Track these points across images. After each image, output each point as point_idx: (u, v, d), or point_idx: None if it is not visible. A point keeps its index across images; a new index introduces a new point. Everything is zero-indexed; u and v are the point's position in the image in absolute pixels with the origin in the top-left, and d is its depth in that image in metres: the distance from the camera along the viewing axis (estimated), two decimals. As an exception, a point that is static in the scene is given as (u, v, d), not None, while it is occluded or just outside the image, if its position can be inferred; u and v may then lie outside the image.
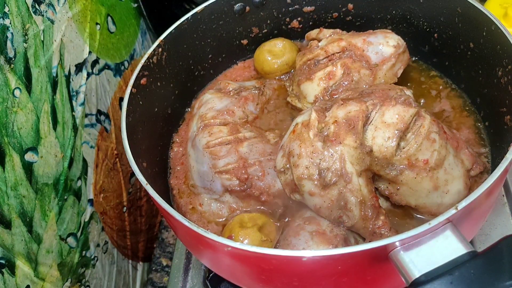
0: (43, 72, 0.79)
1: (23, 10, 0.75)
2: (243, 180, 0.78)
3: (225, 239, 0.59)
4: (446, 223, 0.55)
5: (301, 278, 0.62)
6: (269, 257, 0.57)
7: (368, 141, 0.67)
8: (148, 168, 0.79)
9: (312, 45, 0.89)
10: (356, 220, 0.67)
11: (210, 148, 0.80)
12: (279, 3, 1.00)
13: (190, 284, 0.93)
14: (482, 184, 0.58)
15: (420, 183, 0.67)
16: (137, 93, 0.81)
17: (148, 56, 0.85)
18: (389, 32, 0.87)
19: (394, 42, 0.85)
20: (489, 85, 0.80)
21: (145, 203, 1.19)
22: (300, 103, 0.87)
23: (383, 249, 0.55)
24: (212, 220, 0.81)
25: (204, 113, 0.85)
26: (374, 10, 0.98)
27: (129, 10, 1.15)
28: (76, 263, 0.89)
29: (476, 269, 0.51)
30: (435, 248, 0.54)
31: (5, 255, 0.71)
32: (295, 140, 0.70)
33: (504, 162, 0.60)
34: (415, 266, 0.54)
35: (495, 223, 0.89)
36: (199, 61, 0.99)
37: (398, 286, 0.63)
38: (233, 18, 0.98)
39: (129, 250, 1.12)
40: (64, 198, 0.85)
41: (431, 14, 0.90)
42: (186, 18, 0.91)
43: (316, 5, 1.01)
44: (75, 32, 0.90)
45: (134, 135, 0.77)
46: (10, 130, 0.72)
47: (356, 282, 0.63)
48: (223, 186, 0.79)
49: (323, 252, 0.56)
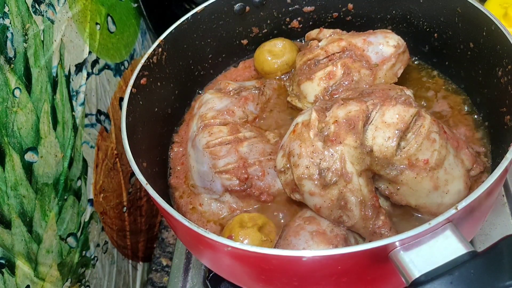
0: (43, 72, 0.79)
1: (23, 10, 0.75)
2: (243, 180, 0.78)
3: (225, 239, 0.59)
4: (446, 223, 0.55)
5: (301, 278, 0.61)
6: (269, 257, 0.57)
7: (369, 141, 0.67)
8: (148, 168, 0.79)
9: (312, 45, 0.89)
10: (356, 220, 0.67)
11: (210, 148, 0.80)
12: (279, 3, 1.00)
13: (190, 284, 0.93)
14: (482, 184, 0.58)
15: (420, 183, 0.67)
16: (137, 93, 0.81)
17: (148, 56, 0.85)
18: (389, 32, 0.87)
19: (394, 42, 0.85)
20: (489, 85, 0.80)
21: (145, 203, 1.19)
22: (300, 103, 0.87)
23: (383, 249, 0.55)
24: (212, 220, 0.81)
25: (204, 113, 0.85)
26: (374, 10, 0.98)
27: (129, 10, 1.15)
28: (76, 263, 0.89)
29: (476, 269, 0.51)
30: (435, 248, 0.54)
31: (5, 255, 0.71)
32: (295, 140, 0.70)
33: (504, 162, 0.60)
34: (415, 266, 0.53)
35: (495, 223, 0.89)
36: (199, 61, 0.99)
37: (398, 286, 0.63)
38: (233, 18, 0.98)
39: (129, 250, 1.12)
40: (64, 198, 0.85)
41: (431, 14, 0.90)
42: (186, 18, 0.91)
43: (316, 5, 1.01)
44: (75, 32, 0.90)
45: (134, 135, 0.77)
46: (10, 130, 0.72)
47: (356, 282, 0.63)
48: (223, 186, 0.79)
49: (323, 252, 0.56)
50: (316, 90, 0.84)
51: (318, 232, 0.69)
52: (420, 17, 0.92)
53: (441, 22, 0.89)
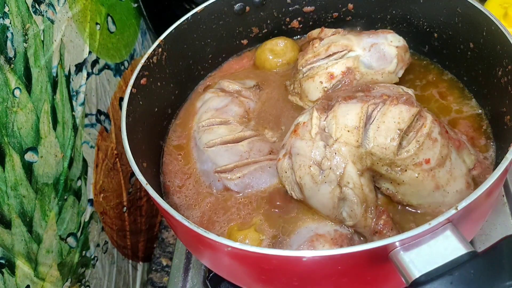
0: (43, 72, 0.79)
1: (23, 10, 0.75)
2: (242, 178, 0.78)
3: (225, 239, 0.59)
4: (446, 223, 0.55)
5: (301, 278, 0.61)
6: (270, 257, 0.57)
7: (370, 140, 0.67)
8: (148, 168, 0.79)
9: (313, 44, 0.89)
10: (357, 219, 0.67)
11: (210, 147, 0.80)
12: (279, 3, 1.00)
13: (190, 284, 0.93)
14: (482, 184, 0.58)
15: (422, 183, 0.67)
16: (137, 93, 0.81)
17: (148, 56, 0.85)
18: (391, 32, 0.87)
19: (397, 43, 0.85)
20: (489, 85, 0.80)
21: (145, 203, 1.19)
22: (301, 101, 0.87)
23: (383, 249, 0.55)
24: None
25: (205, 112, 0.85)
26: (374, 10, 0.98)
27: (129, 10, 1.15)
28: (76, 263, 0.89)
29: (476, 269, 0.51)
30: (435, 248, 0.54)
31: (5, 255, 0.71)
32: (296, 139, 0.70)
33: (504, 162, 0.60)
34: (415, 266, 0.53)
35: (495, 223, 0.89)
36: (199, 61, 0.99)
37: (398, 286, 0.63)
38: (233, 18, 0.98)
39: (129, 250, 1.12)
40: (64, 198, 0.85)
41: (431, 14, 0.90)
42: (186, 18, 0.91)
43: (316, 5, 1.01)
44: (75, 32, 0.90)
45: (134, 135, 0.77)
46: (10, 130, 0.72)
47: (356, 282, 0.63)
48: (223, 185, 0.79)
49: (324, 252, 0.56)
50: (317, 89, 0.84)
51: (318, 232, 0.69)
52: (420, 17, 0.93)
53: (441, 22, 0.89)
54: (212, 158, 0.80)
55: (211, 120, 0.84)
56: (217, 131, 0.82)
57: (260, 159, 0.79)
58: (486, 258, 0.52)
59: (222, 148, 0.80)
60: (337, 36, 0.88)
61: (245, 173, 0.78)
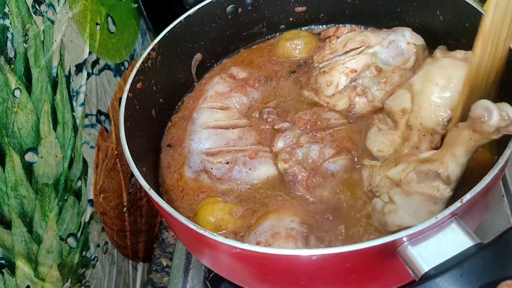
0: (43, 72, 0.79)
1: (23, 10, 0.75)
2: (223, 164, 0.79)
3: (233, 241, 0.58)
4: (451, 216, 0.55)
5: (309, 277, 0.61)
6: (279, 257, 0.57)
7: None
8: (147, 171, 0.79)
9: (331, 42, 0.89)
10: None
11: (203, 128, 0.83)
12: (271, 3, 1.01)
13: (190, 284, 0.93)
14: (484, 178, 0.58)
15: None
16: (133, 98, 0.81)
17: (143, 60, 0.85)
18: (408, 29, 0.86)
19: (414, 40, 0.85)
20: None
21: (145, 203, 1.19)
22: (317, 97, 0.88)
23: (391, 245, 0.55)
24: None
25: (210, 95, 0.89)
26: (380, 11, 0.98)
27: (129, 10, 1.15)
28: (76, 264, 0.89)
29: (484, 261, 0.51)
30: (443, 241, 0.55)
31: (5, 255, 0.71)
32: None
33: (506, 152, 0.60)
34: (424, 260, 0.54)
35: (495, 223, 0.89)
36: (194, 64, 0.99)
37: (405, 281, 0.63)
38: (226, 19, 0.99)
39: (129, 251, 1.12)
40: (64, 199, 0.85)
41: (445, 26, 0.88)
42: (179, 21, 0.91)
43: (307, 5, 1.01)
44: (75, 32, 0.90)
45: (133, 140, 0.77)
46: (10, 131, 0.72)
47: (364, 278, 0.64)
48: (203, 166, 0.81)
49: (333, 250, 0.56)
50: (334, 85, 0.84)
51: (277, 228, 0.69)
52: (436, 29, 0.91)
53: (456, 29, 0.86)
54: (202, 139, 0.83)
55: (212, 103, 0.87)
56: (214, 115, 0.85)
57: (245, 148, 0.81)
58: (493, 249, 0.52)
59: (212, 132, 0.83)
60: (354, 33, 0.88)
61: (227, 159, 0.80)
